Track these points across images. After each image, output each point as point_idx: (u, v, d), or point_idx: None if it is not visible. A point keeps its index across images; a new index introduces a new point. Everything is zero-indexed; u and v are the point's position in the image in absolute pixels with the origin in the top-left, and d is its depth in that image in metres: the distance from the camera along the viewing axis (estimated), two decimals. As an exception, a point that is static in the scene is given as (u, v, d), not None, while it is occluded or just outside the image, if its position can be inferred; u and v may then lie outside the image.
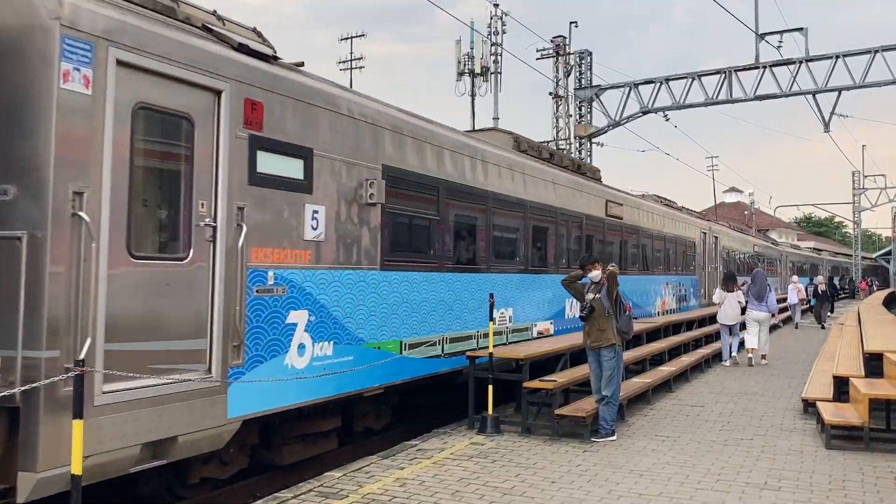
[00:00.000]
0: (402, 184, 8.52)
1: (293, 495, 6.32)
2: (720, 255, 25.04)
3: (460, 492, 6.43)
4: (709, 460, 7.56)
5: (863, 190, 56.24)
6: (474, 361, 9.26)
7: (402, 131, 8.57)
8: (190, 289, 5.81)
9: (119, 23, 5.29)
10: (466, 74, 28.47)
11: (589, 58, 30.48)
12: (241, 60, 6.37)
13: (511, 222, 11.19)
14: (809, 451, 8.02)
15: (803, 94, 26.03)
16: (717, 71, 27.10)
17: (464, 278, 9.75)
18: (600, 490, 6.51)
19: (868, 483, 6.79)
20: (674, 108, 27.94)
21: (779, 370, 14.34)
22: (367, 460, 7.55)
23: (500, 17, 28.86)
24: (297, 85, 7.02)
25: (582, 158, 29.78)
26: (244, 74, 6.34)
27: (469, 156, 9.96)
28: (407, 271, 8.61)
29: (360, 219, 7.80)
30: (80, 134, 5.01)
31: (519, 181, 11.30)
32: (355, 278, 7.68)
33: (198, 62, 5.89)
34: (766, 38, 25.87)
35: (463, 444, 8.27)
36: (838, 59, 25.18)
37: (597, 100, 30.12)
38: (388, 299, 8.23)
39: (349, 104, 7.73)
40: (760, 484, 6.73)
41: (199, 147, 5.94)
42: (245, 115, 6.30)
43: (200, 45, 5.99)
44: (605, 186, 15.56)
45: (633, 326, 9.12)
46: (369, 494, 6.33)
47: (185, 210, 5.84)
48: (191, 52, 5.85)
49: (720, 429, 9.08)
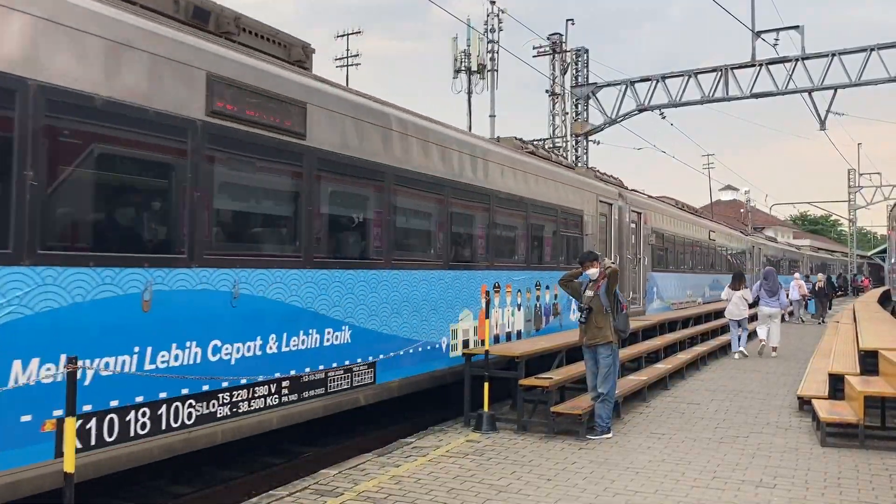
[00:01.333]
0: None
1: (288, 493, 6.30)
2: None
3: (456, 489, 6.42)
4: (704, 458, 7.57)
5: (858, 188, 56.41)
6: (470, 359, 9.26)
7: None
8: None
9: (633, 200, 14.60)
10: (463, 72, 28.45)
11: (585, 55, 30.46)
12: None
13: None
14: (805, 448, 8.03)
15: (799, 92, 26.04)
16: (714, 69, 27.11)
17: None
18: (596, 487, 6.50)
19: (863, 480, 6.80)
20: (670, 105, 27.94)
21: (775, 366, 14.37)
22: (362, 458, 7.54)
23: (497, 15, 28.85)
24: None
25: (578, 156, 29.80)
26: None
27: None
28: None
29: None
30: (627, 233, 15.25)
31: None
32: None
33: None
34: (762, 35, 25.87)
35: (459, 441, 8.27)
36: (834, 58, 25.19)
37: (593, 97, 30.12)
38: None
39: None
40: (756, 481, 6.73)
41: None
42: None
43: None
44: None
45: (630, 325, 9.17)
46: (365, 492, 6.32)
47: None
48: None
49: (716, 426, 9.08)
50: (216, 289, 6.17)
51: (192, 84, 6.01)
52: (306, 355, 7.15)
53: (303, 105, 7.16)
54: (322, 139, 7.41)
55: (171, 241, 5.93)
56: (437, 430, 8.86)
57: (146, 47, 5.68)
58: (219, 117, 6.22)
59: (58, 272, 5.00)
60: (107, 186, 5.59)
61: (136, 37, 5.61)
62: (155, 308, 5.62)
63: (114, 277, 5.36)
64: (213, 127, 6.17)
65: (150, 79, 5.67)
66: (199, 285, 6.02)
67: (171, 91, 5.84)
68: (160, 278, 5.69)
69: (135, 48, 5.58)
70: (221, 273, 6.21)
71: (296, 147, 7.08)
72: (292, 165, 7.10)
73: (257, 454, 8.53)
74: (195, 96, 6.04)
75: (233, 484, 7.29)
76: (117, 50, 5.44)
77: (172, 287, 5.79)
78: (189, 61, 6.02)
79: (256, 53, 6.99)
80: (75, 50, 5.15)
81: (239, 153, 6.54)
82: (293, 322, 6.99)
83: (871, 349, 9.98)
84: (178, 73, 5.91)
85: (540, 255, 12.51)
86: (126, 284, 5.44)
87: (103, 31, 5.37)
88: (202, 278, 6.04)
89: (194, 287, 5.98)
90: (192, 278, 5.97)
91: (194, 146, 6.02)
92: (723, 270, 27.14)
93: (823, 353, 12.88)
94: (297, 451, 8.75)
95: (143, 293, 5.56)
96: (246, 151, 6.59)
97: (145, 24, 5.75)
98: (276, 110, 6.82)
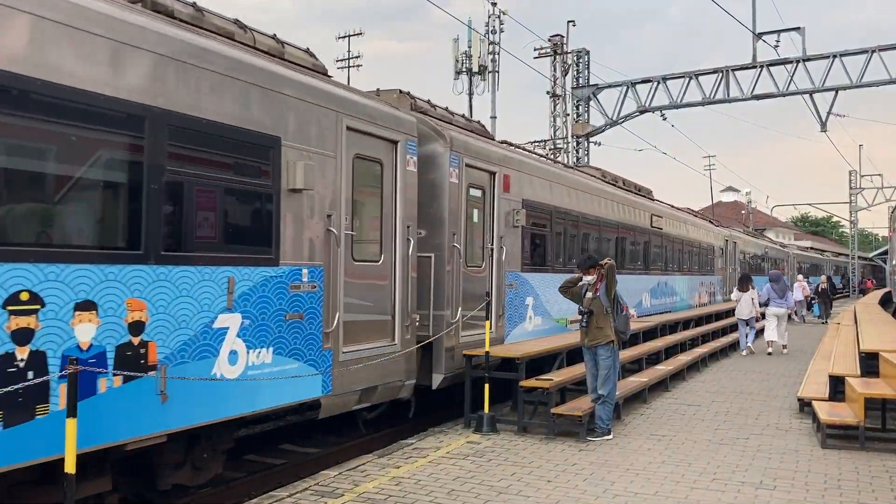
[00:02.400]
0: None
1: (288, 494, 6.31)
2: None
3: (456, 490, 6.43)
4: (704, 459, 7.57)
5: (859, 189, 56.28)
6: (471, 360, 9.26)
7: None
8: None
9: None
10: (464, 73, 28.46)
11: (586, 57, 30.49)
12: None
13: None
14: (805, 450, 8.03)
15: (800, 93, 26.08)
16: (715, 70, 27.14)
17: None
18: (596, 489, 6.51)
19: (863, 482, 6.79)
20: (671, 107, 27.98)
21: (775, 367, 14.36)
22: (362, 459, 7.54)
23: (498, 16, 28.86)
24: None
25: (579, 157, 29.81)
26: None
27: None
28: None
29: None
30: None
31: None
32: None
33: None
34: (763, 37, 25.90)
35: (459, 442, 8.27)
36: (835, 59, 25.22)
37: (594, 99, 30.15)
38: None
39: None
40: (756, 483, 6.73)
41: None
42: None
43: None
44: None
45: (630, 326, 9.17)
46: (365, 493, 6.33)
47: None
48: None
49: (716, 428, 9.08)
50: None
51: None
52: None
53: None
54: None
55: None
56: (438, 432, 8.87)
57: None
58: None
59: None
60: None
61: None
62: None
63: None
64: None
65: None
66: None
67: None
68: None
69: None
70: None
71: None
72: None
73: (258, 455, 8.55)
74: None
75: (233, 484, 7.30)
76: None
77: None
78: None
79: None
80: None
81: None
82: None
83: (872, 351, 9.97)
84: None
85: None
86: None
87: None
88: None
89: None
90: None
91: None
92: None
93: (824, 354, 12.86)
94: (297, 452, 8.76)
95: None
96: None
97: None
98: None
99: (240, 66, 6.37)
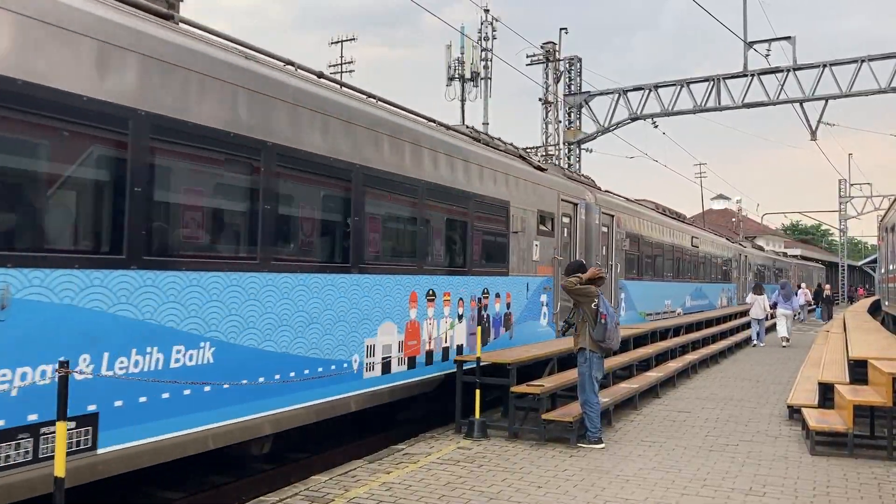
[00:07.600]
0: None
1: (279, 498, 6.29)
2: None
3: (447, 496, 6.42)
4: (694, 466, 7.59)
5: (849, 198, 56.69)
6: (462, 366, 9.26)
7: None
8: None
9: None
10: (457, 79, 28.55)
11: (578, 64, 30.62)
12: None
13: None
14: (794, 457, 8.07)
15: (791, 102, 26.26)
16: (706, 78, 27.30)
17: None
18: (586, 495, 6.52)
19: (852, 489, 6.83)
20: (662, 115, 28.12)
21: (766, 374, 14.42)
22: (353, 464, 7.53)
23: (491, 23, 28.99)
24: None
25: (570, 164, 29.89)
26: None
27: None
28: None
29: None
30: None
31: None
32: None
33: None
34: (754, 46, 26.11)
35: (450, 448, 8.27)
36: (825, 68, 25.42)
37: (586, 106, 30.26)
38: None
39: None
40: (745, 489, 6.76)
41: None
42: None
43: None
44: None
45: (611, 336, 8.55)
46: (355, 499, 6.32)
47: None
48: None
49: (706, 434, 9.12)
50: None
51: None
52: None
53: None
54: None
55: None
56: (428, 437, 8.86)
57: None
58: None
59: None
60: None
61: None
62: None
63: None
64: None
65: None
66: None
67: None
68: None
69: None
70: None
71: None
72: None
73: (247, 459, 8.51)
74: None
75: (223, 489, 7.27)
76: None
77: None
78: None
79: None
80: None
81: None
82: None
83: (861, 358, 10.00)
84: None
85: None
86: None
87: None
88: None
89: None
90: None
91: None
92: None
93: (813, 361, 12.93)
94: (287, 457, 8.73)
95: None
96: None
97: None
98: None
99: (509, 168, 11.47)
